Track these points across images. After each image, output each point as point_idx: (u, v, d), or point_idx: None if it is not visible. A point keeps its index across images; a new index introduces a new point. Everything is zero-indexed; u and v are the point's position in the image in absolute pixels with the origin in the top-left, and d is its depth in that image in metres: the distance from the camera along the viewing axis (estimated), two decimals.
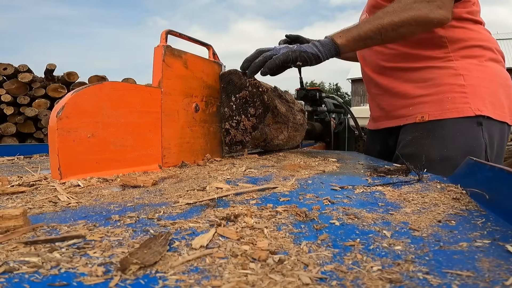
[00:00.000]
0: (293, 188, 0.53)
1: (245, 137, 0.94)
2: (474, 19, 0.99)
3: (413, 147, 0.97)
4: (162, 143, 0.76)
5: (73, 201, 0.44)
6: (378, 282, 0.22)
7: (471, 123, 0.92)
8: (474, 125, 0.92)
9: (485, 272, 0.23)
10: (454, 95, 0.94)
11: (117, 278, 0.22)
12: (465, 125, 0.92)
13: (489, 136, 0.93)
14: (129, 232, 0.31)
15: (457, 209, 0.40)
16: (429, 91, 0.98)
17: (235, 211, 0.38)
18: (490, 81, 0.96)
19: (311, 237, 0.30)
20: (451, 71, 0.96)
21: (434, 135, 0.94)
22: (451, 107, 0.93)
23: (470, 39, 0.98)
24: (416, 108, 0.99)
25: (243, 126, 0.94)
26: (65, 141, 0.59)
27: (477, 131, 0.92)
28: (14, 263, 0.24)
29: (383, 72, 1.09)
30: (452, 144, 0.92)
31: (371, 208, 0.41)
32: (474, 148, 0.91)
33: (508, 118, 0.97)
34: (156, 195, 0.48)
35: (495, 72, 0.98)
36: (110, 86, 0.67)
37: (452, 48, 0.97)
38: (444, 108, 0.94)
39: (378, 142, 1.20)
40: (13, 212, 0.31)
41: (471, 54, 0.98)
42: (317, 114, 2.01)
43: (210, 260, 0.25)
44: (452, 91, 0.94)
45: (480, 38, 1.00)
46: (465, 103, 0.93)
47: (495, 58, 1.00)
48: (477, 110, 0.91)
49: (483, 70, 0.96)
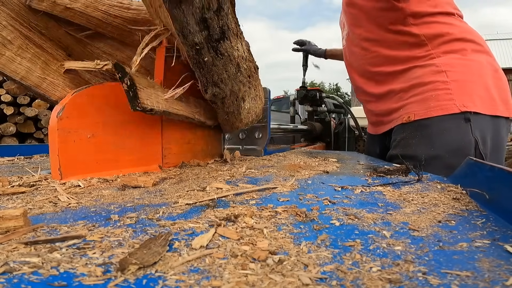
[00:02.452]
0: (293, 188, 0.53)
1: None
2: (445, 12, 0.98)
3: (401, 148, 0.97)
4: (162, 143, 0.76)
5: (73, 202, 0.44)
6: (378, 282, 0.22)
7: (458, 120, 0.90)
8: (461, 122, 0.90)
9: (485, 272, 0.23)
10: (438, 93, 0.92)
11: (118, 279, 0.22)
12: (451, 122, 0.90)
13: (480, 131, 0.90)
14: (129, 233, 0.31)
15: (457, 209, 0.40)
16: (415, 91, 0.97)
17: (235, 211, 0.38)
18: (476, 74, 0.93)
19: (311, 237, 0.30)
20: (433, 68, 0.95)
21: (421, 135, 0.93)
22: (435, 105, 0.92)
23: (447, 33, 0.97)
24: (404, 109, 0.99)
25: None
26: (66, 142, 0.59)
27: (465, 127, 0.90)
28: (14, 263, 0.24)
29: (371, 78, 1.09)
30: (438, 143, 0.91)
31: (371, 208, 0.41)
32: (462, 145, 0.89)
33: (501, 110, 0.94)
34: (156, 196, 0.48)
35: (480, 65, 0.96)
36: (111, 86, 0.67)
37: (432, 45, 0.97)
38: (429, 107, 0.93)
39: (378, 145, 1.21)
40: (13, 212, 0.31)
41: (452, 48, 0.96)
42: (317, 114, 2.01)
43: (210, 261, 0.25)
44: (435, 89, 0.93)
45: (459, 31, 0.98)
46: (450, 99, 0.91)
47: (479, 49, 0.98)
48: (463, 107, 0.89)
49: (467, 64, 0.94)
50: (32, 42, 0.69)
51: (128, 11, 0.72)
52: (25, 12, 0.66)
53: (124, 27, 0.74)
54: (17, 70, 0.67)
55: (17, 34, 0.67)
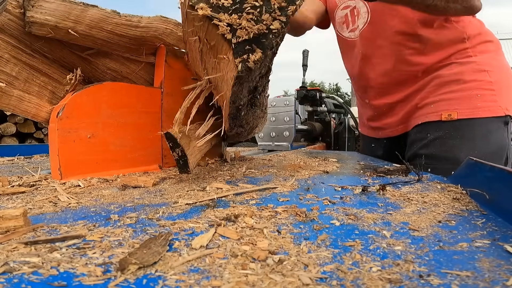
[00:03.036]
0: (293, 188, 0.53)
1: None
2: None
3: (436, 148, 0.90)
4: (162, 143, 0.76)
5: (73, 202, 0.44)
6: (378, 282, 0.22)
7: (500, 123, 0.87)
8: (501, 125, 0.88)
9: (485, 272, 0.23)
10: (483, 93, 0.88)
11: (118, 279, 0.22)
12: (494, 125, 0.87)
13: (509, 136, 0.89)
14: (129, 232, 0.31)
15: (457, 209, 0.40)
16: (452, 87, 0.90)
17: (235, 211, 0.38)
18: (508, 78, 0.92)
19: (311, 237, 0.30)
20: (474, 66, 0.90)
21: (464, 136, 0.87)
22: (482, 105, 0.87)
23: (484, 33, 0.94)
24: (439, 106, 0.90)
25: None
26: (66, 142, 0.59)
27: (503, 131, 0.88)
28: (14, 263, 0.24)
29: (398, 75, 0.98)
30: (482, 146, 0.86)
31: (371, 208, 0.41)
32: (500, 149, 0.87)
33: None
34: (156, 196, 0.48)
35: (508, 67, 0.94)
36: (111, 86, 0.67)
37: (471, 43, 0.92)
38: (475, 106, 0.87)
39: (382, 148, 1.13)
40: (13, 212, 0.31)
41: (487, 49, 0.93)
42: (317, 114, 2.01)
43: (210, 260, 0.25)
44: (480, 88, 0.88)
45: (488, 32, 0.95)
46: (494, 101, 0.87)
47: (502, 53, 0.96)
48: (506, 110, 0.87)
49: (501, 66, 0.92)
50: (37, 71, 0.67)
51: (137, 29, 0.69)
52: (26, 36, 0.63)
53: (131, 45, 0.72)
54: (28, 110, 0.67)
55: (22, 66, 0.65)
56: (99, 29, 0.65)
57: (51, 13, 0.60)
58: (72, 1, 0.62)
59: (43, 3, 0.60)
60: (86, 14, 0.63)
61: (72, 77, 0.70)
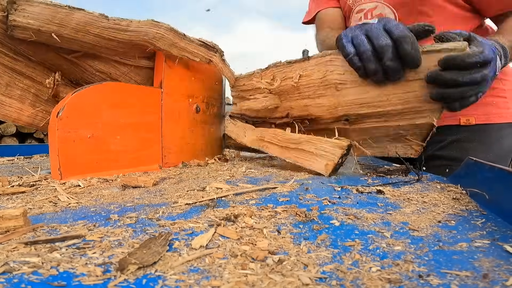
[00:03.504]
0: (292, 188, 0.53)
1: None
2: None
3: (455, 150, 0.95)
4: (162, 143, 0.76)
5: (73, 201, 0.44)
6: (377, 282, 0.22)
7: (510, 129, 0.93)
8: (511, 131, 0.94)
9: (484, 272, 0.23)
10: (497, 100, 0.94)
11: (118, 279, 0.22)
12: (507, 130, 0.93)
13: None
14: (129, 232, 0.31)
15: (457, 209, 0.40)
16: None
17: (235, 211, 0.38)
18: None
19: (311, 237, 0.30)
20: None
21: (480, 140, 0.93)
22: (496, 112, 0.93)
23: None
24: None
25: None
26: (65, 141, 0.59)
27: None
28: (14, 263, 0.24)
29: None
30: (495, 149, 0.92)
31: (371, 208, 0.41)
32: (508, 153, 0.93)
33: None
34: (156, 195, 0.48)
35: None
36: (111, 86, 0.67)
37: None
38: (490, 113, 0.93)
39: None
40: (13, 212, 0.31)
41: None
42: None
43: (210, 260, 0.25)
44: (494, 95, 0.94)
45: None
46: (507, 108, 0.93)
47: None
48: None
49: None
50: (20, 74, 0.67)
51: (125, 33, 0.68)
52: (9, 39, 0.62)
53: (120, 48, 0.71)
54: (9, 114, 0.68)
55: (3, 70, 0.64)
56: (85, 33, 0.64)
57: (34, 17, 0.60)
58: (57, 4, 0.61)
59: (26, 6, 0.59)
60: (72, 17, 0.62)
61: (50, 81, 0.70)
